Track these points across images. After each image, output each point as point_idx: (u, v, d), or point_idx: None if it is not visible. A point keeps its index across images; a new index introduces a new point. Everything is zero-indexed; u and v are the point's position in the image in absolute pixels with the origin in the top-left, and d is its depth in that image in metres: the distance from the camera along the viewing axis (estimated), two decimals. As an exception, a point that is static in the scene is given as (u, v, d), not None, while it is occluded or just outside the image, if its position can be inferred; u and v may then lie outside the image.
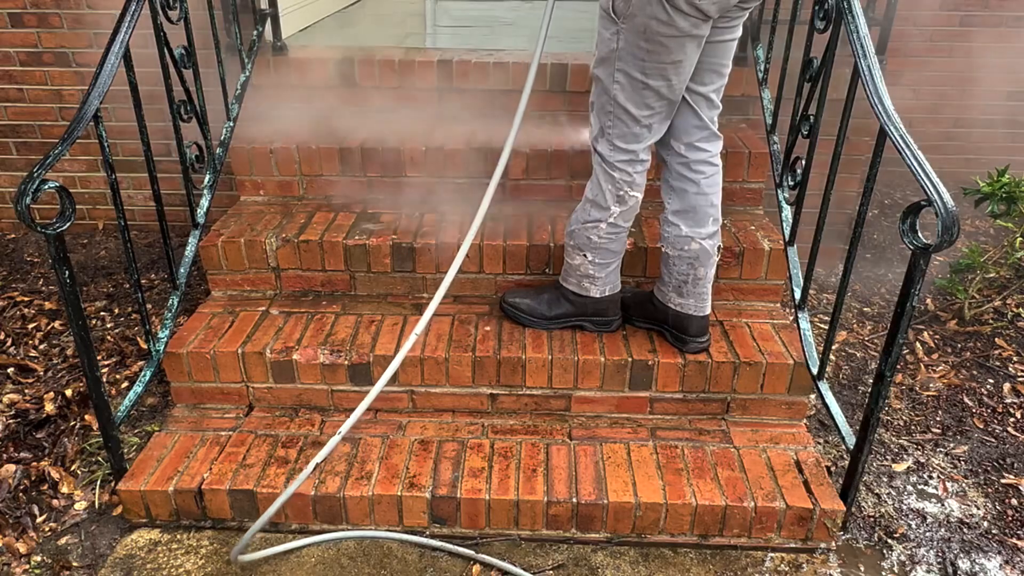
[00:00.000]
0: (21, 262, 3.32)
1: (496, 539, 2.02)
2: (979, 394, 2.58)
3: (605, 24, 1.91)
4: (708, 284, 2.19)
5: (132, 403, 2.10)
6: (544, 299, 2.31)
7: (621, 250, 2.22)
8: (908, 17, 3.64)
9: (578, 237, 2.17)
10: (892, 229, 3.58)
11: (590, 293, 2.25)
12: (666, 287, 2.23)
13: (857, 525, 2.08)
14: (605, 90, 1.97)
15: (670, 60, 1.87)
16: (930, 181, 1.60)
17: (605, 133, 2.03)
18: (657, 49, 1.85)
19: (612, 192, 2.08)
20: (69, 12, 3.07)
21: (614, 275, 2.25)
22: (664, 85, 1.92)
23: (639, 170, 2.07)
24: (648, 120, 1.99)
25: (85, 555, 1.99)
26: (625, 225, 2.15)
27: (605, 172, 2.07)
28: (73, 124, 1.79)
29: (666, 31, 1.82)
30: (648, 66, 1.88)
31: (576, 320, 2.30)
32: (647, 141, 2.04)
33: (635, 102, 1.95)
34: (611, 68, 1.93)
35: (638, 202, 2.12)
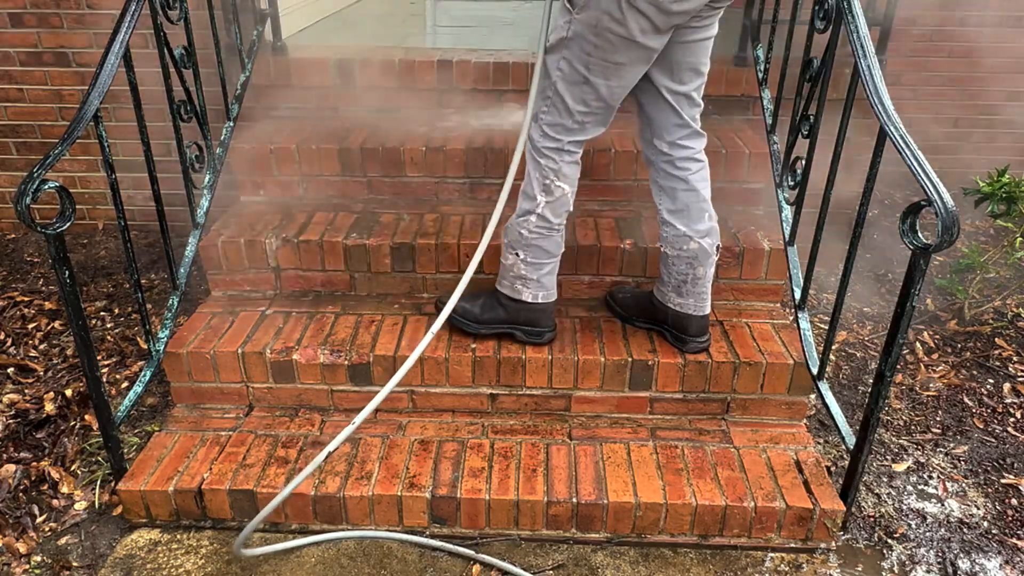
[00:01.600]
0: (21, 262, 3.32)
1: (496, 539, 2.02)
2: (979, 394, 2.58)
3: (561, 12, 1.89)
4: (707, 284, 2.18)
5: (132, 403, 2.10)
6: (479, 302, 2.27)
7: (555, 251, 2.16)
8: (908, 17, 3.64)
9: (511, 233, 2.15)
10: (892, 229, 3.58)
11: (522, 297, 2.20)
12: (665, 287, 2.23)
13: (857, 525, 2.08)
14: (547, 75, 1.96)
15: (614, 61, 1.86)
16: (930, 181, 1.60)
17: (538, 118, 2.02)
18: (604, 46, 1.84)
19: (539, 180, 2.06)
20: (69, 12, 3.07)
21: (549, 280, 2.20)
22: (604, 84, 1.91)
23: (566, 160, 2.04)
24: (582, 118, 1.97)
25: (85, 555, 1.99)
26: (555, 221, 2.10)
27: (533, 158, 2.06)
28: (73, 124, 1.79)
29: (616, 29, 1.80)
30: (592, 61, 1.87)
31: (508, 327, 2.25)
32: (578, 137, 2.02)
33: (573, 95, 1.94)
34: (558, 56, 1.91)
35: (566, 195, 2.08)
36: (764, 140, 2.60)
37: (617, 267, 2.44)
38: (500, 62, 2.82)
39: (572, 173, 2.08)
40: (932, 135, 3.91)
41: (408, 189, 2.70)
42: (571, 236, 2.46)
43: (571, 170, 2.07)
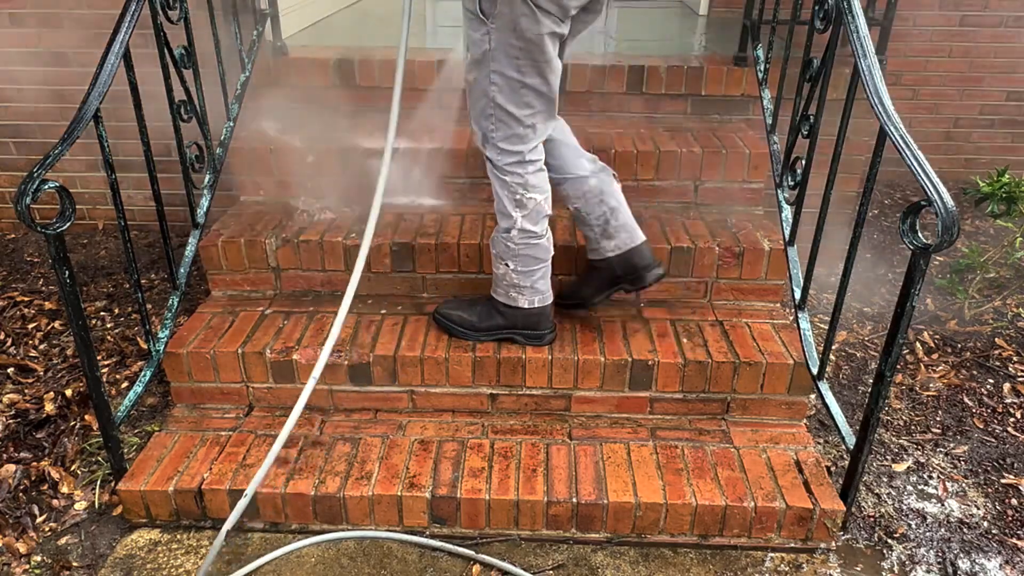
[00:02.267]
0: (21, 262, 3.32)
1: (496, 539, 2.02)
2: (979, 394, 2.58)
3: (474, 26, 1.88)
4: (626, 211, 2.19)
5: (132, 403, 2.10)
6: (477, 310, 2.27)
7: (544, 256, 2.15)
8: (908, 17, 3.64)
9: (497, 245, 2.14)
10: (892, 229, 3.58)
11: (519, 304, 2.19)
12: (596, 243, 2.22)
13: (857, 525, 2.08)
14: (484, 93, 1.94)
15: (544, 58, 1.87)
16: (930, 181, 1.60)
17: (489, 138, 2.00)
18: (529, 47, 1.85)
19: (509, 197, 2.05)
20: (69, 12, 3.07)
21: (542, 284, 2.19)
22: (541, 83, 1.92)
23: (531, 171, 2.03)
24: (530, 120, 1.97)
25: (85, 555, 1.99)
26: (536, 229, 2.09)
27: (498, 178, 2.05)
28: (73, 124, 1.79)
29: (536, 28, 1.82)
30: (523, 64, 1.87)
31: (507, 332, 2.25)
32: (533, 142, 2.01)
33: (515, 102, 1.93)
34: (486, 70, 1.90)
35: (540, 204, 2.07)
36: (764, 140, 2.60)
37: (617, 267, 2.44)
38: (500, 62, 2.82)
39: (540, 182, 2.06)
40: (932, 135, 3.92)
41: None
42: (571, 236, 2.46)
43: (538, 179, 2.05)
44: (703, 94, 2.86)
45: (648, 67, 2.81)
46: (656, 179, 2.66)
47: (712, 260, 2.43)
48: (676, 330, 2.35)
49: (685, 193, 2.69)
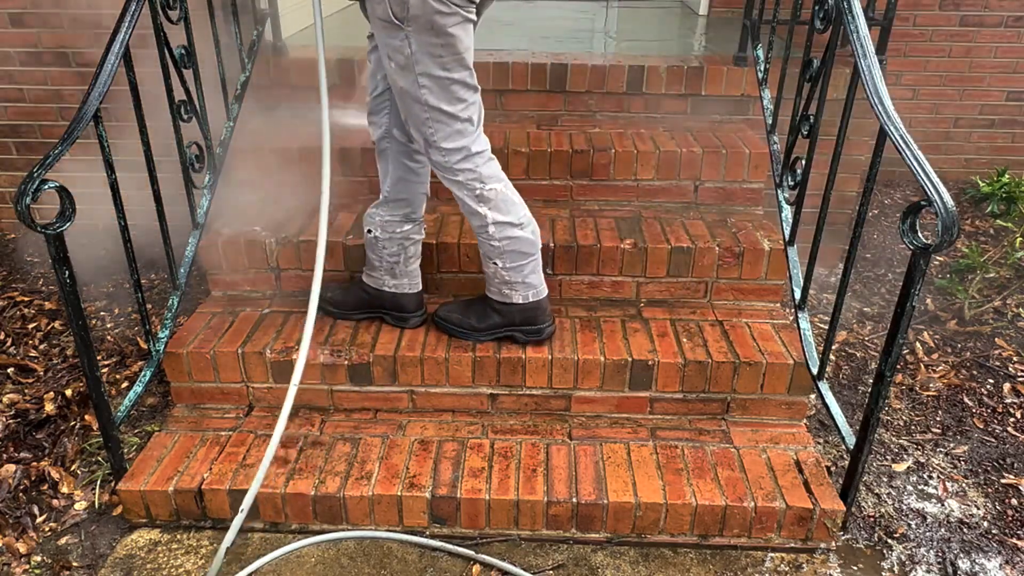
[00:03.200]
0: (21, 262, 3.32)
1: (496, 539, 2.02)
2: (979, 394, 2.58)
3: (391, 33, 1.86)
4: (417, 261, 2.29)
5: (132, 403, 2.10)
6: (475, 311, 2.27)
7: (530, 250, 2.13)
8: (908, 17, 3.64)
9: (483, 245, 2.13)
10: (892, 229, 3.58)
11: (513, 300, 2.19)
12: (378, 271, 2.28)
13: (857, 525, 2.08)
14: (415, 98, 1.92)
15: (464, 48, 1.87)
16: (930, 181, 1.60)
17: (431, 142, 1.98)
18: (450, 40, 1.84)
19: (470, 195, 2.03)
20: (69, 12, 3.06)
21: (534, 278, 2.18)
22: (467, 74, 1.92)
23: (481, 163, 2.01)
24: (466, 113, 1.95)
25: (85, 555, 1.99)
26: (511, 219, 2.07)
27: (452, 180, 2.03)
28: (73, 124, 1.79)
29: (452, 20, 1.82)
30: (447, 60, 1.87)
31: (506, 330, 2.24)
32: (474, 134, 1.99)
33: (447, 100, 1.92)
34: (412, 75, 1.89)
35: (503, 192, 2.05)
36: (764, 140, 2.60)
37: (617, 267, 2.44)
38: (500, 62, 2.82)
39: (495, 171, 2.05)
40: (932, 135, 3.92)
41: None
42: (571, 236, 2.46)
43: (491, 169, 2.04)
44: (703, 94, 2.86)
45: (648, 67, 2.81)
46: (656, 179, 2.66)
47: (712, 260, 2.43)
48: (676, 330, 2.35)
49: (685, 193, 2.69)
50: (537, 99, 2.89)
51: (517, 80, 2.84)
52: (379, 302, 2.33)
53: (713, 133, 2.78)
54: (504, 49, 3.03)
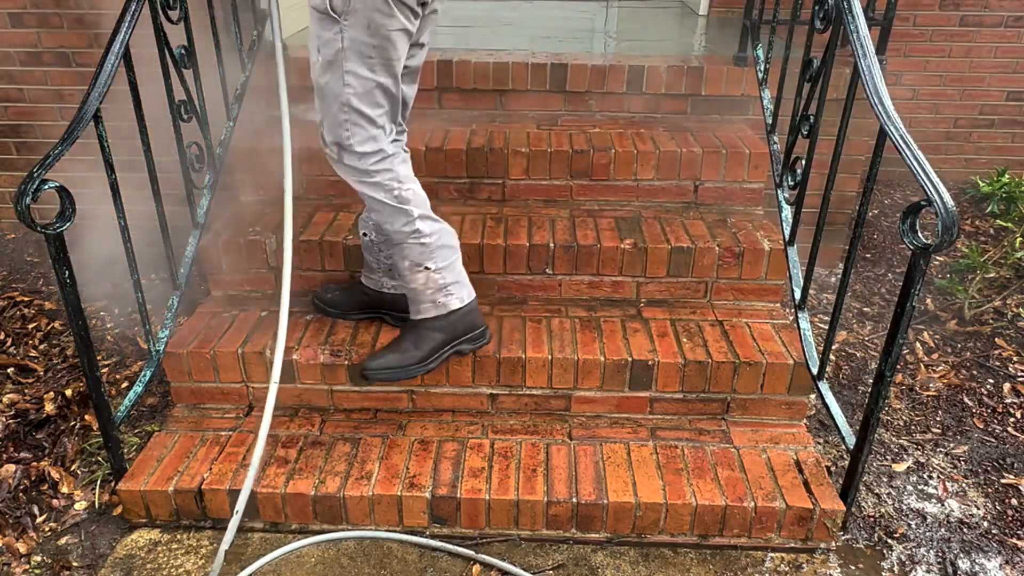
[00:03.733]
0: (21, 262, 3.32)
1: (496, 539, 2.02)
2: (979, 394, 2.58)
3: (325, 25, 1.81)
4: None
5: (132, 403, 2.10)
6: (409, 344, 2.15)
7: (454, 242, 2.09)
8: (908, 17, 3.64)
9: (409, 253, 2.03)
10: (892, 229, 3.58)
11: (451, 306, 2.10)
12: (375, 274, 2.27)
13: (857, 525, 2.08)
14: (337, 96, 1.86)
15: (396, 56, 1.85)
16: (930, 181, 1.60)
17: (345, 145, 1.92)
18: (384, 44, 1.82)
19: (390, 197, 1.97)
20: (69, 12, 3.07)
21: (463, 274, 2.12)
22: (392, 82, 1.89)
23: (397, 162, 1.98)
24: (382, 119, 1.93)
25: (85, 555, 1.99)
26: (431, 214, 2.04)
27: (369, 183, 1.96)
28: (73, 124, 1.79)
29: (390, 24, 1.79)
30: (376, 63, 1.84)
31: (452, 347, 2.15)
32: (386, 139, 1.96)
33: (368, 102, 1.88)
34: (339, 71, 1.83)
35: (419, 192, 2.02)
36: (764, 140, 2.60)
37: (617, 267, 2.44)
38: (500, 62, 2.82)
39: (409, 172, 2.03)
40: (932, 135, 3.92)
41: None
42: (571, 236, 2.46)
43: (407, 169, 2.02)
44: (703, 94, 2.86)
45: (648, 67, 2.81)
46: (656, 179, 2.66)
47: (712, 260, 2.43)
48: (676, 330, 2.35)
49: (685, 193, 2.69)
50: (537, 99, 2.89)
51: (517, 80, 2.84)
52: (379, 303, 2.32)
53: (713, 133, 2.78)
54: (504, 49, 3.03)
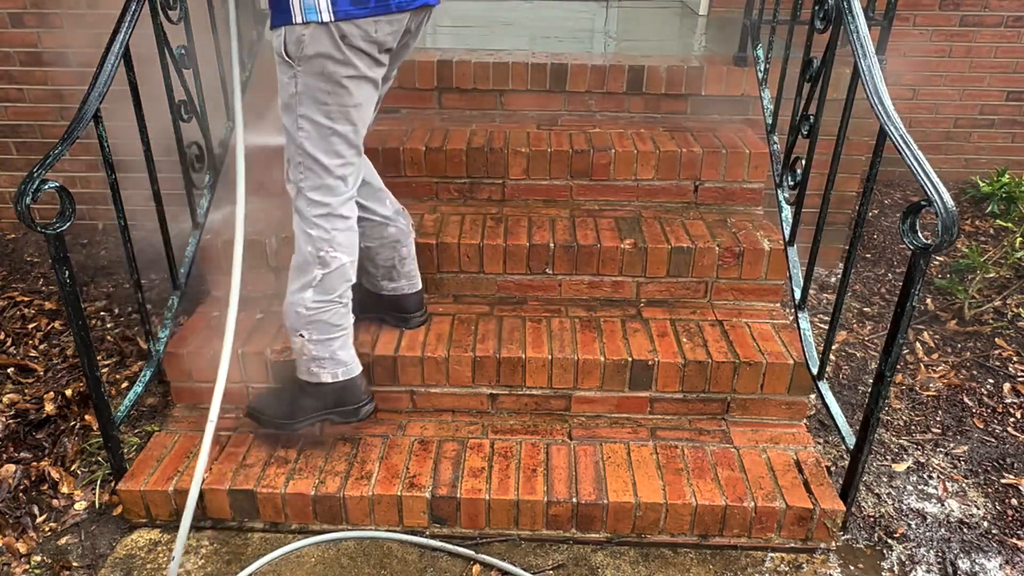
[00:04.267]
0: (21, 262, 3.32)
1: (496, 539, 2.02)
2: (979, 394, 2.58)
3: (282, 68, 1.79)
4: (413, 262, 2.26)
5: (132, 403, 2.10)
6: (287, 399, 2.09)
7: (341, 322, 1.99)
8: (908, 17, 3.64)
9: (289, 316, 1.97)
10: (892, 229, 3.58)
11: (322, 379, 2.01)
12: (375, 277, 2.27)
13: (857, 525, 2.08)
14: (292, 139, 1.84)
15: (353, 103, 1.79)
16: (930, 181, 1.60)
17: (300, 188, 1.88)
18: (338, 91, 1.76)
19: (312, 253, 1.90)
20: (69, 12, 3.06)
21: (344, 353, 2.02)
22: (351, 130, 1.83)
23: (339, 227, 1.90)
24: (341, 170, 1.86)
25: (85, 555, 1.99)
26: (335, 295, 1.94)
27: (303, 231, 1.91)
28: (73, 124, 1.79)
29: (344, 71, 1.74)
30: (332, 110, 1.78)
31: (321, 415, 2.07)
32: (344, 195, 1.90)
33: (324, 150, 1.83)
34: (294, 115, 1.81)
35: (345, 267, 1.93)
36: (764, 140, 2.60)
37: (617, 267, 2.44)
38: (500, 62, 2.82)
39: (348, 241, 1.93)
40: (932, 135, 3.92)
41: (408, 189, 2.69)
42: (571, 236, 2.46)
43: (347, 238, 1.93)
44: (703, 94, 2.86)
45: (648, 67, 2.81)
46: (656, 179, 2.66)
47: (712, 260, 2.43)
48: (676, 330, 2.35)
49: (685, 193, 2.69)
50: (537, 99, 2.89)
51: (517, 80, 2.85)
52: (378, 304, 2.32)
53: (713, 133, 2.78)
54: (504, 49, 3.03)
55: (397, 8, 1.74)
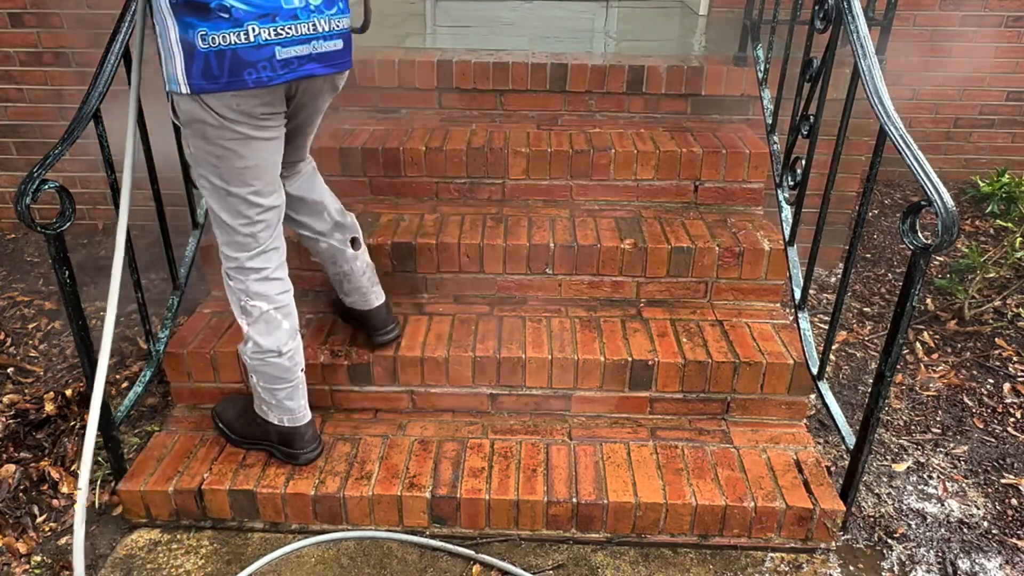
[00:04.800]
0: (21, 262, 3.32)
1: (496, 539, 2.02)
2: (979, 394, 2.58)
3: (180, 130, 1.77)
4: (361, 278, 2.14)
5: (132, 403, 2.10)
6: (244, 417, 2.12)
7: (285, 375, 1.95)
8: (908, 17, 3.64)
9: (242, 356, 1.97)
10: (892, 229, 3.58)
11: (269, 418, 2.03)
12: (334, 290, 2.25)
13: (857, 525, 2.08)
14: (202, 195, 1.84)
15: (244, 165, 1.72)
16: (930, 181, 1.60)
17: (217, 242, 1.87)
18: (226, 154, 1.69)
19: (236, 303, 1.89)
20: (69, 12, 3.07)
21: (291, 403, 2.00)
22: (249, 191, 1.76)
23: (252, 279, 1.86)
24: (247, 229, 1.80)
25: (85, 555, 1.99)
26: (268, 344, 1.89)
27: (226, 282, 1.90)
28: (73, 124, 1.79)
29: (227, 135, 1.67)
30: (224, 172, 1.72)
31: (265, 445, 2.09)
32: (254, 250, 1.84)
33: (225, 210, 1.78)
34: (197, 174, 1.78)
35: (269, 314, 1.88)
36: (764, 140, 2.60)
37: (617, 267, 2.44)
38: (500, 62, 2.82)
39: (266, 290, 1.87)
40: (932, 135, 3.92)
41: (409, 189, 2.70)
42: (571, 236, 2.46)
43: (262, 287, 1.87)
44: (703, 94, 2.86)
45: (648, 67, 2.81)
46: (656, 179, 2.66)
47: (712, 260, 2.43)
48: (676, 330, 2.35)
49: (685, 193, 2.69)
50: (537, 99, 2.89)
51: (517, 80, 2.84)
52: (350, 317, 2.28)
53: (713, 133, 2.78)
54: (504, 49, 3.03)
55: (256, 84, 1.59)
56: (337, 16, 1.69)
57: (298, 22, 1.60)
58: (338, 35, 1.70)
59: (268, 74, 1.60)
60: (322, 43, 1.67)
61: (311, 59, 1.66)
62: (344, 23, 1.72)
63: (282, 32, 1.59)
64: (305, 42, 1.63)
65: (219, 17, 1.51)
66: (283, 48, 1.60)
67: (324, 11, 1.65)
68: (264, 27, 1.56)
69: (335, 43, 1.70)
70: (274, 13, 1.57)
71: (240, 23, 1.54)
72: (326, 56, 1.69)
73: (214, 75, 1.57)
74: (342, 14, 1.70)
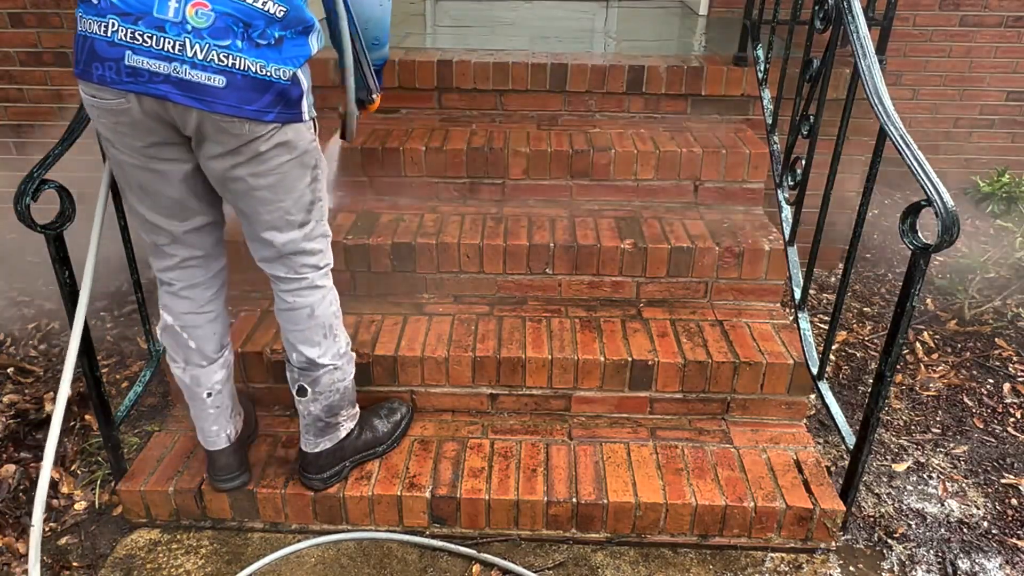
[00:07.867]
0: (21, 262, 3.33)
1: (496, 539, 2.02)
2: (979, 394, 2.58)
3: None
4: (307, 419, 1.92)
5: (132, 403, 2.10)
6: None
7: (187, 392, 1.90)
8: (908, 17, 3.64)
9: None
10: (892, 229, 3.58)
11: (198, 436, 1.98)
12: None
13: (857, 525, 2.08)
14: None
15: (126, 183, 1.65)
16: (930, 181, 1.60)
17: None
18: (115, 168, 1.65)
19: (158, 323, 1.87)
20: (69, 12, 3.07)
21: (202, 424, 1.92)
22: (140, 207, 1.68)
23: (164, 291, 1.82)
24: (148, 238, 1.75)
25: (85, 555, 1.99)
26: (177, 359, 1.85)
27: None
28: (73, 124, 1.79)
29: (114, 152, 1.59)
30: (120, 181, 1.68)
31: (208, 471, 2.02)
32: (164, 261, 1.77)
33: (133, 219, 1.76)
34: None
35: (172, 328, 1.82)
36: (764, 140, 2.60)
37: (617, 267, 2.44)
38: (500, 62, 2.82)
39: (171, 303, 1.81)
40: (932, 135, 3.92)
41: (408, 189, 2.69)
42: (571, 236, 2.46)
43: (169, 300, 1.81)
44: (703, 94, 2.86)
45: (648, 67, 2.81)
46: (656, 179, 2.66)
47: (712, 260, 2.43)
48: (676, 330, 2.35)
49: (685, 193, 2.69)
50: (537, 99, 2.89)
51: (517, 80, 2.84)
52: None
53: (713, 133, 2.78)
54: (504, 49, 3.03)
55: (99, 81, 1.48)
56: (229, 52, 1.43)
57: (163, 35, 1.41)
58: (222, 71, 1.44)
59: (112, 76, 1.46)
60: (189, 70, 1.43)
61: (168, 80, 1.44)
62: (244, 63, 1.45)
63: (139, 38, 1.42)
64: (164, 59, 1.42)
65: (89, 2, 1.45)
66: (134, 55, 1.43)
67: (207, 38, 1.42)
68: (123, 26, 1.42)
69: (211, 76, 1.44)
70: (139, 16, 1.41)
71: (103, 14, 1.43)
72: (192, 86, 1.44)
73: (77, 59, 1.51)
74: (242, 53, 1.44)
